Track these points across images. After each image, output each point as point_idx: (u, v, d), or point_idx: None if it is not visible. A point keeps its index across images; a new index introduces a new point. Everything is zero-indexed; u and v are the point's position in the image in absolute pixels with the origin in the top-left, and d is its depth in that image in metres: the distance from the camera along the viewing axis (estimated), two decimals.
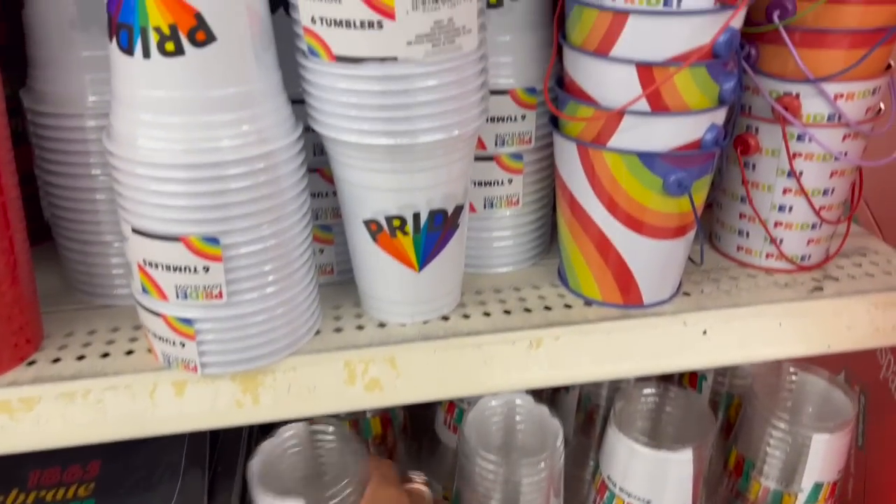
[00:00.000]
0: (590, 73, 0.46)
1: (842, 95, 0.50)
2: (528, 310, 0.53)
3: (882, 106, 0.54)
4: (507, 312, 0.52)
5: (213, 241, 0.41)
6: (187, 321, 0.43)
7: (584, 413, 0.67)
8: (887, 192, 0.67)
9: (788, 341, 0.53)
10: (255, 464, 0.52)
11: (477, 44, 0.41)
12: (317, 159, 0.50)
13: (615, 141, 0.47)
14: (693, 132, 0.46)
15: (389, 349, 0.49)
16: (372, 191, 0.44)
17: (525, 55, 0.50)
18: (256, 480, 0.51)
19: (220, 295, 0.43)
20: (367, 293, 0.50)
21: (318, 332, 0.50)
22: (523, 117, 0.50)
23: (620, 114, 0.45)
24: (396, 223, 0.44)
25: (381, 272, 0.47)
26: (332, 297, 0.54)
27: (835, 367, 0.74)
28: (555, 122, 0.49)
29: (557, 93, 0.49)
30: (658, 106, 0.45)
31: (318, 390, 0.48)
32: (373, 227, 0.45)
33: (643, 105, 0.45)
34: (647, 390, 0.60)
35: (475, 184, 0.52)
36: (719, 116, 0.47)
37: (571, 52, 0.47)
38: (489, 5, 0.47)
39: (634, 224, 0.49)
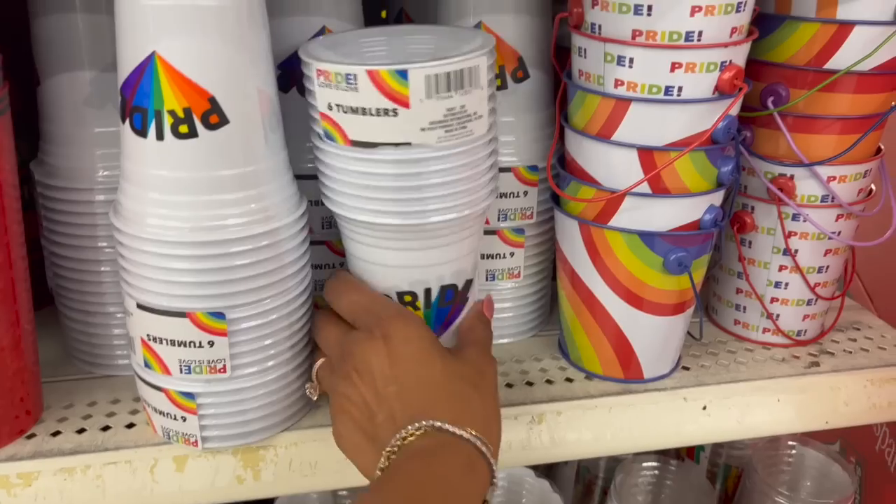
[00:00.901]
0: (592, 156, 0.47)
1: (834, 178, 0.51)
2: (529, 383, 0.52)
3: (873, 187, 0.54)
4: (510, 386, 0.52)
5: (219, 315, 0.41)
6: (189, 395, 0.42)
7: (582, 485, 0.65)
8: (879, 266, 0.67)
9: (787, 417, 0.53)
10: None
11: (487, 128, 0.42)
12: (325, 232, 0.50)
13: (616, 220, 0.47)
14: (692, 213, 0.46)
15: None
16: (384, 267, 0.44)
17: (527, 134, 0.51)
18: None
19: (224, 369, 0.42)
20: None
21: (318, 407, 0.49)
22: (525, 193, 0.50)
23: (622, 195, 0.46)
24: (408, 299, 0.44)
25: None
26: None
27: (831, 438, 0.73)
28: (556, 200, 0.50)
29: (559, 171, 0.49)
30: (658, 188, 0.45)
31: (319, 466, 0.46)
32: None
33: (644, 187, 0.45)
34: (647, 464, 0.59)
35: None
36: (718, 198, 0.47)
37: (574, 135, 0.48)
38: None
39: (635, 300, 0.48)
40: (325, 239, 0.50)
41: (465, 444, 0.37)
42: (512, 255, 0.52)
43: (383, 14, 0.68)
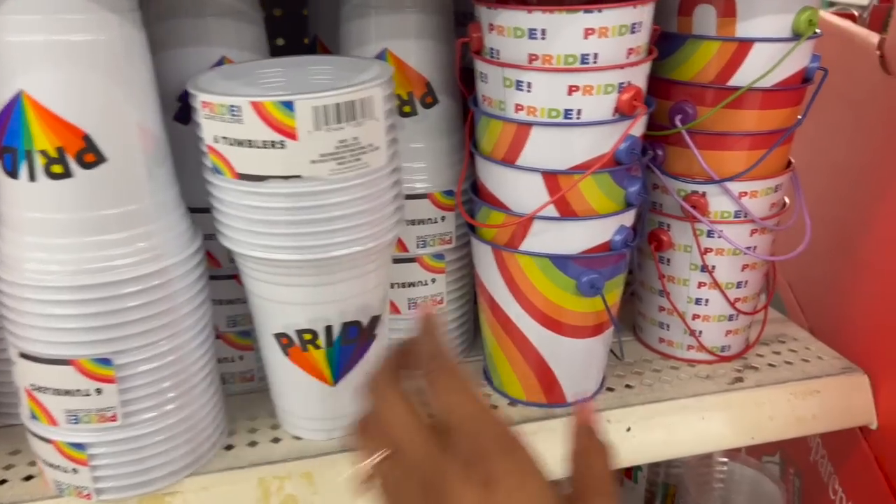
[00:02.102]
0: (500, 181, 0.46)
1: (746, 193, 0.50)
2: None
3: (787, 200, 0.54)
4: (433, 416, 0.50)
5: (105, 362, 0.38)
6: (79, 446, 0.40)
7: None
8: (809, 276, 0.67)
9: (712, 435, 0.52)
10: None
11: (386, 160, 0.40)
12: (233, 265, 0.48)
13: (527, 245, 0.46)
14: (602, 235, 0.45)
15: (306, 464, 0.46)
16: (281, 304, 0.42)
17: (441, 160, 0.49)
18: None
19: (115, 417, 0.39)
20: (281, 407, 0.47)
21: (230, 447, 0.47)
22: (443, 219, 0.49)
23: (530, 219, 0.45)
24: (307, 337, 0.42)
25: (294, 386, 0.45)
26: (250, 406, 0.50)
27: (771, 449, 0.73)
28: (471, 226, 0.48)
29: (472, 197, 0.48)
30: (566, 211, 0.44)
31: None
32: (283, 340, 0.43)
33: (552, 211, 0.44)
34: None
35: (398, 285, 0.50)
36: (628, 218, 0.46)
37: (482, 160, 0.46)
38: (404, 114, 0.47)
39: (552, 324, 0.47)
40: (234, 273, 0.48)
41: None
42: (433, 281, 0.50)
43: (305, 40, 0.67)
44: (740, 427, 0.52)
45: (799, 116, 0.51)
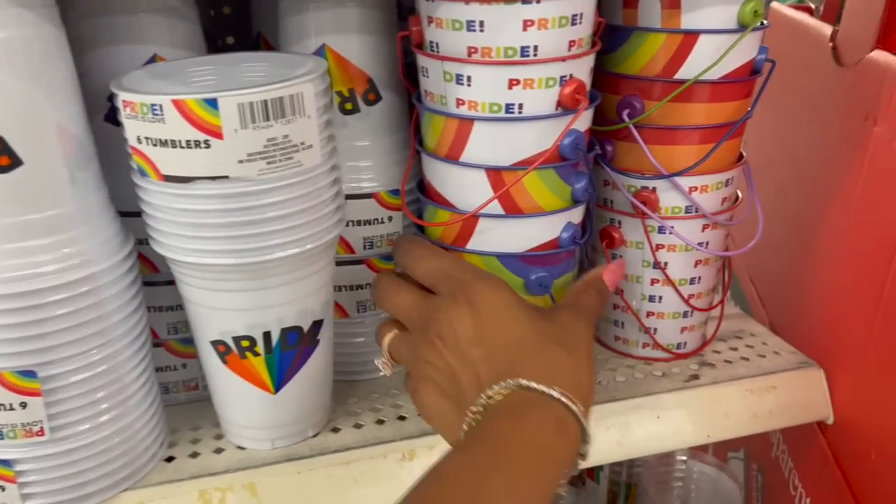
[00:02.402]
0: (445, 178, 0.45)
1: (696, 188, 0.50)
2: (402, 417, 0.49)
3: (739, 194, 0.54)
4: (381, 422, 0.49)
5: (29, 374, 0.37)
6: (5, 463, 0.38)
7: None
8: (769, 270, 0.67)
9: (667, 434, 0.51)
10: None
11: (321, 158, 0.39)
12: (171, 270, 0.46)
13: (473, 243, 0.45)
14: (549, 232, 0.44)
15: (249, 474, 0.44)
16: (217, 311, 0.40)
17: (386, 158, 0.48)
18: None
19: (42, 432, 0.38)
20: (223, 417, 0.46)
21: (171, 459, 0.45)
22: (390, 219, 0.48)
23: (475, 217, 0.44)
24: (245, 344, 0.41)
25: (234, 395, 0.43)
26: (194, 415, 0.49)
27: (736, 445, 0.73)
28: (419, 226, 0.47)
29: (419, 196, 0.47)
30: (512, 208, 0.43)
31: None
32: (220, 348, 0.41)
33: (497, 208, 0.43)
34: None
35: (346, 288, 0.49)
36: (575, 215, 0.46)
37: (427, 157, 0.45)
38: (346, 111, 0.46)
39: None
40: (173, 278, 0.47)
41: (553, 402, 0.34)
42: None
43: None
44: (696, 425, 0.51)
45: (749, 109, 0.50)
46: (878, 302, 0.48)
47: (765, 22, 0.47)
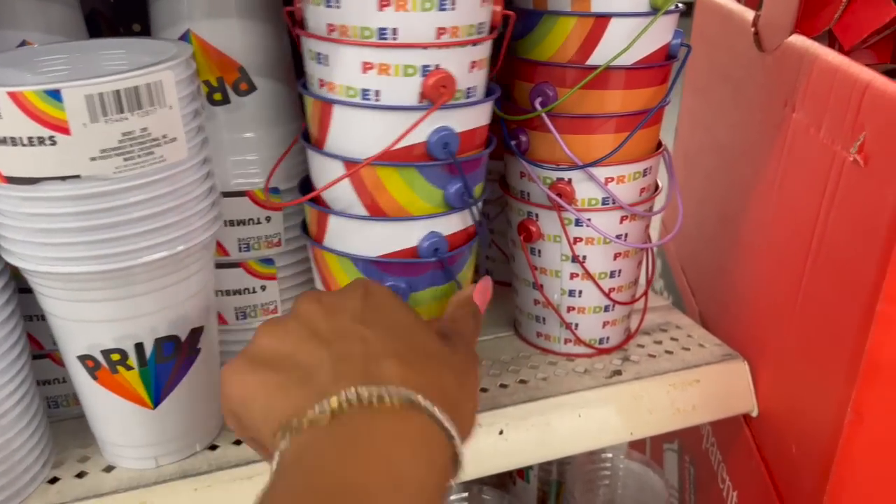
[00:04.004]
0: (314, 170, 0.40)
1: (612, 179, 0.47)
2: None
3: (660, 184, 0.51)
4: (238, 443, 0.45)
5: None
6: None
7: None
8: (698, 259, 0.65)
9: (589, 432, 0.48)
10: None
11: (188, 152, 0.35)
12: None
13: (328, 241, 0.40)
14: (404, 239, 0.39)
15: (140, 494, 0.40)
16: (81, 323, 0.36)
17: (263, 153, 0.43)
18: None
19: None
20: (98, 436, 0.41)
21: (55, 480, 0.41)
22: (268, 219, 0.43)
23: (326, 214, 0.39)
24: (116, 357, 0.37)
25: (109, 413, 0.39)
26: (84, 432, 0.44)
27: (670, 437, 0.71)
28: (303, 225, 0.43)
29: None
30: (374, 209, 0.39)
31: None
32: (89, 363, 0.37)
33: (358, 207, 0.39)
34: (457, 496, 0.53)
35: (223, 293, 0.45)
36: (442, 224, 0.40)
37: (305, 146, 0.41)
38: (215, 102, 0.41)
39: None
40: None
41: (431, 421, 0.27)
42: (263, 288, 0.45)
43: None
44: (618, 422, 0.49)
45: (665, 95, 0.47)
46: (797, 293, 0.45)
47: (679, 5, 0.44)
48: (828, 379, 0.42)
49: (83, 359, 0.37)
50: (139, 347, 0.37)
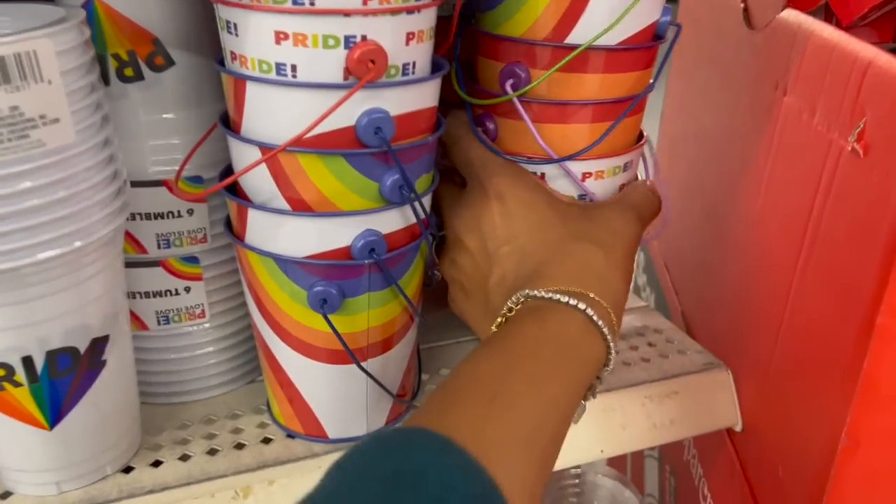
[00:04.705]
0: (234, 157, 0.35)
1: (590, 174, 0.41)
2: (240, 445, 0.40)
3: (640, 177, 0.46)
4: (213, 452, 0.40)
5: None
6: None
7: None
8: (682, 256, 0.60)
9: None
10: None
11: (74, 136, 0.30)
12: None
13: (249, 238, 0.35)
14: (334, 238, 0.34)
15: None
16: None
17: (183, 137, 0.38)
18: None
19: None
20: None
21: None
22: (190, 212, 0.38)
23: (244, 207, 0.34)
24: (1, 373, 0.32)
25: (1, 435, 0.34)
26: None
27: None
28: (227, 220, 0.38)
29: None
30: (297, 203, 0.33)
31: None
32: None
33: (278, 200, 0.34)
34: None
35: (141, 295, 0.39)
36: (379, 221, 0.35)
37: (224, 132, 0.35)
38: (125, 79, 0.36)
39: (292, 340, 0.37)
40: None
41: (576, 313, 0.32)
42: (188, 290, 0.40)
43: None
44: (587, 439, 0.44)
45: (650, 81, 0.42)
46: (787, 298, 0.41)
47: None
48: (820, 396, 0.37)
49: None
50: (27, 361, 0.31)
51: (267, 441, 0.41)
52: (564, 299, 0.32)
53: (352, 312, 0.36)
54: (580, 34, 0.37)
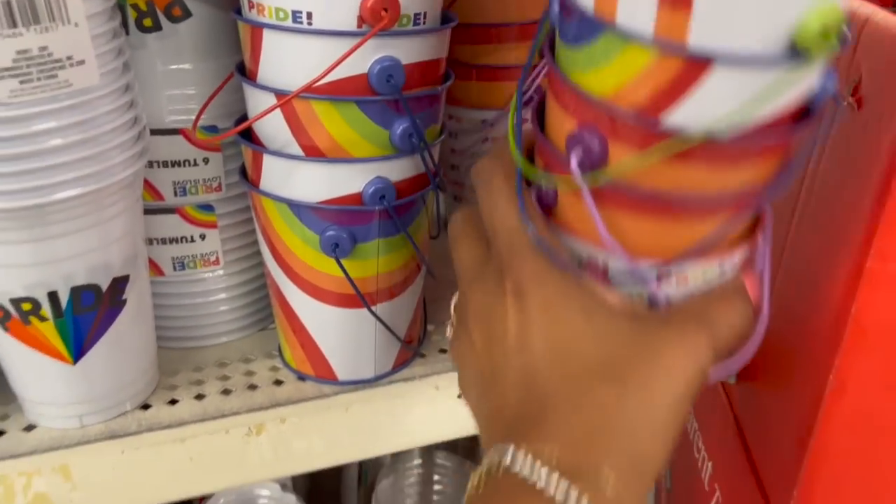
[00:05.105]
0: (249, 105, 0.36)
1: (670, 276, 0.26)
2: (252, 387, 0.42)
3: None
4: (227, 392, 0.42)
5: None
6: None
7: (365, 486, 0.57)
8: None
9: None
10: None
11: (99, 78, 0.31)
12: None
13: (264, 184, 0.37)
14: (346, 184, 0.35)
15: (61, 455, 0.37)
16: None
17: (200, 87, 0.39)
18: None
19: None
20: (20, 394, 0.38)
21: None
22: (206, 161, 0.40)
23: (259, 153, 0.36)
24: (27, 307, 0.33)
25: (24, 367, 0.36)
26: (4, 389, 0.41)
27: None
28: (242, 169, 0.39)
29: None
30: (310, 149, 0.35)
31: None
32: None
33: (292, 146, 0.35)
34: (414, 462, 0.51)
35: (157, 241, 0.41)
36: (387, 168, 0.36)
37: (240, 80, 0.36)
38: (144, 29, 0.37)
39: (304, 285, 0.38)
40: None
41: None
42: (203, 237, 0.41)
43: None
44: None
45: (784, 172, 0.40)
46: (782, 250, 0.42)
47: (847, 35, 0.23)
48: (809, 340, 0.38)
49: None
50: (53, 296, 0.33)
51: (279, 383, 0.42)
52: (551, 488, 0.23)
53: (362, 258, 0.37)
54: (686, 113, 0.22)
